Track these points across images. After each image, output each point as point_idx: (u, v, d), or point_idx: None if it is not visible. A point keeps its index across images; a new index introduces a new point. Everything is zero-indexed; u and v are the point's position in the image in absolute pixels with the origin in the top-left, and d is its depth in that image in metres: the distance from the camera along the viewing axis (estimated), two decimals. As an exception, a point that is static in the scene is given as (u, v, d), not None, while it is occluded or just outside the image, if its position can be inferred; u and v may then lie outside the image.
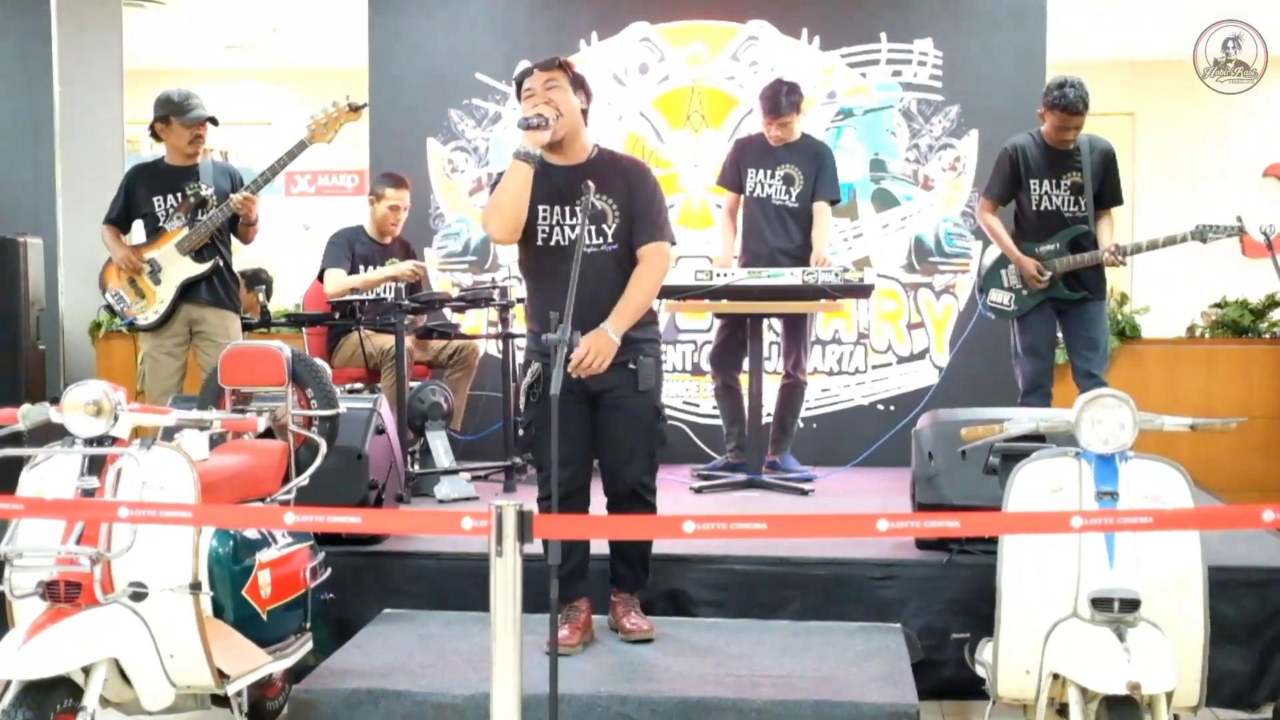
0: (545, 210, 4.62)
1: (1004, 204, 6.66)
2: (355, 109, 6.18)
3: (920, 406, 6.72)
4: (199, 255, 6.24)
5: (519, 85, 4.68)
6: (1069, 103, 6.28)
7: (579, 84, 4.68)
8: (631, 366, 4.62)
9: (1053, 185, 6.48)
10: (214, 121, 6.32)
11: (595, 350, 4.45)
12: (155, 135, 6.40)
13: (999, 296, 6.61)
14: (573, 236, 4.56)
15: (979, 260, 6.77)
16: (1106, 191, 6.52)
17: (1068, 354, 6.66)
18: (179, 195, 6.26)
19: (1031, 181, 6.50)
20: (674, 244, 4.77)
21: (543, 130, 4.48)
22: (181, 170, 6.34)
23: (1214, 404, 7.75)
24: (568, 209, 4.59)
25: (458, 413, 7.19)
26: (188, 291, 6.27)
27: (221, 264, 6.33)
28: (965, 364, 7.05)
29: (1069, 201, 6.46)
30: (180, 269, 6.23)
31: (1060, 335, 6.68)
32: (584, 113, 4.70)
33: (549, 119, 4.49)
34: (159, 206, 6.30)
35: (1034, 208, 6.51)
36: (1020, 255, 6.47)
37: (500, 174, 4.65)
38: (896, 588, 5.20)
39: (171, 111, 6.28)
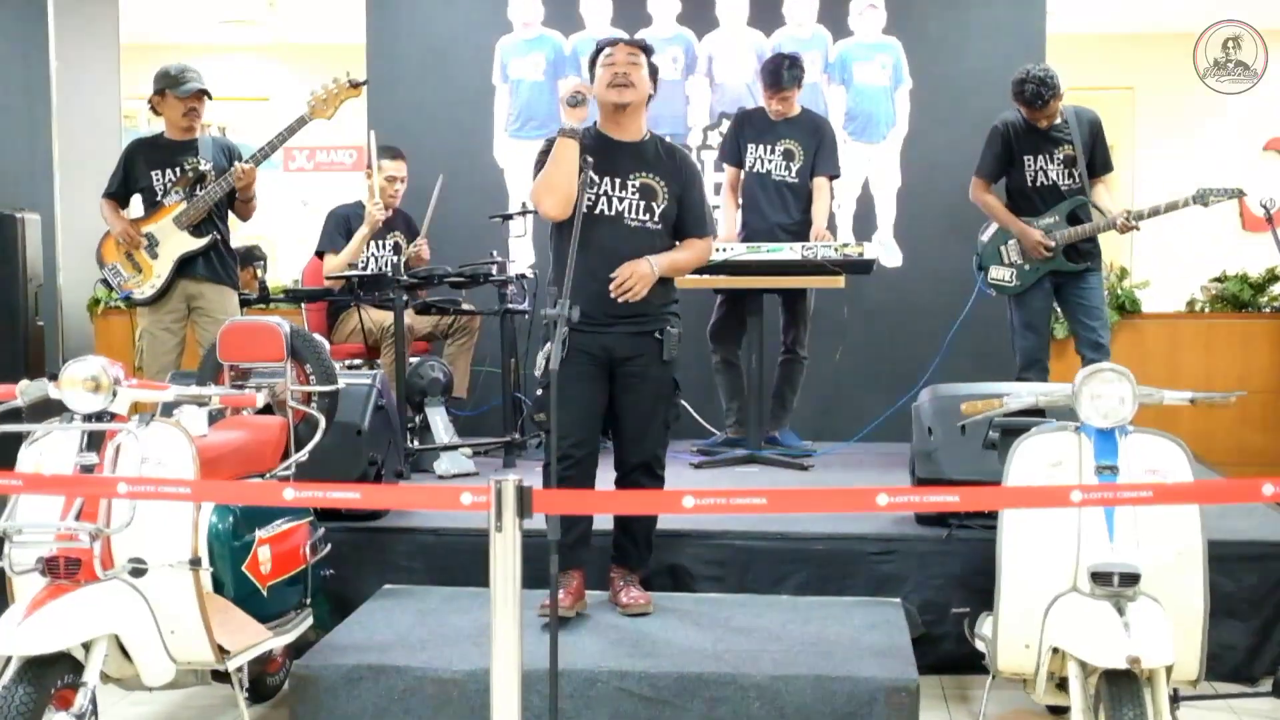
0: (595, 180, 4.68)
1: (995, 181, 6.66)
2: (356, 85, 6.17)
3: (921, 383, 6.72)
4: (197, 230, 6.23)
5: (598, 52, 4.82)
6: (1027, 100, 6.38)
7: (653, 72, 4.84)
8: (658, 336, 4.68)
9: (1047, 160, 6.49)
10: (207, 95, 6.31)
11: (636, 275, 4.59)
12: (154, 109, 6.40)
13: (999, 273, 6.61)
14: (620, 209, 4.67)
15: (976, 238, 6.74)
16: (1097, 160, 6.54)
17: (1070, 327, 6.66)
18: (177, 169, 6.26)
19: (1025, 158, 6.51)
20: (715, 237, 4.92)
21: (583, 107, 4.58)
22: (180, 145, 6.33)
23: (1214, 378, 7.75)
24: (619, 180, 4.69)
25: (459, 382, 7.18)
26: (185, 266, 6.26)
27: (219, 239, 6.32)
28: (965, 339, 7.04)
29: (1063, 175, 6.47)
30: (178, 243, 6.22)
31: (1059, 309, 6.68)
32: (649, 98, 4.83)
33: (586, 95, 4.60)
34: (157, 181, 6.29)
35: (1030, 184, 6.52)
36: (1025, 227, 6.47)
37: (543, 150, 4.73)
38: (896, 562, 5.20)
39: (167, 85, 6.28)
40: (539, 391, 4.72)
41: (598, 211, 4.67)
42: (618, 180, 4.69)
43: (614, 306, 4.58)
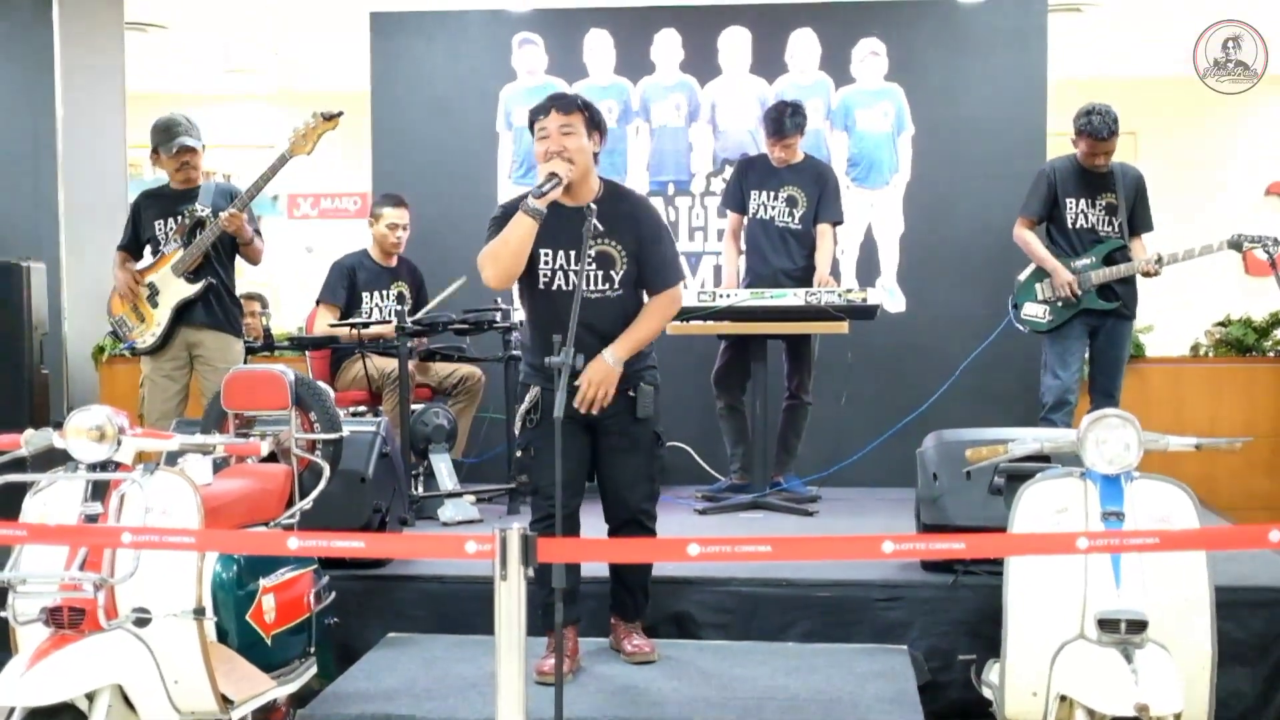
0: (548, 255, 4.59)
1: (1040, 222, 6.83)
2: (330, 118, 6.15)
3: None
4: (193, 276, 6.25)
5: (534, 119, 4.61)
6: (1094, 129, 6.52)
7: (595, 124, 4.62)
8: (631, 394, 4.63)
9: (1088, 204, 6.67)
10: (190, 150, 6.33)
11: (597, 381, 4.49)
12: (155, 163, 6.48)
13: (1034, 310, 6.72)
14: (577, 282, 4.46)
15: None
16: (1139, 216, 6.74)
17: (1090, 369, 6.77)
18: (178, 218, 6.29)
19: (1068, 200, 6.68)
20: (683, 279, 4.75)
21: (556, 190, 4.44)
22: (181, 194, 6.39)
23: (1219, 423, 7.74)
24: (573, 253, 4.54)
25: (460, 440, 7.19)
26: (184, 313, 6.28)
27: (219, 285, 6.32)
28: (971, 383, 7.04)
29: (1103, 220, 6.66)
30: (175, 291, 6.25)
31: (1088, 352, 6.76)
32: (595, 155, 4.64)
33: (562, 177, 4.45)
34: (160, 230, 6.35)
35: (1070, 225, 6.70)
36: (1057, 265, 6.63)
37: (497, 216, 4.62)
38: (902, 609, 5.19)
39: (157, 142, 6.38)
40: (518, 453, 4.70)
41: (555, 287, 4.59)
42: (572, 254, 4.54)
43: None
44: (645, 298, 4.74)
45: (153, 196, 6.52)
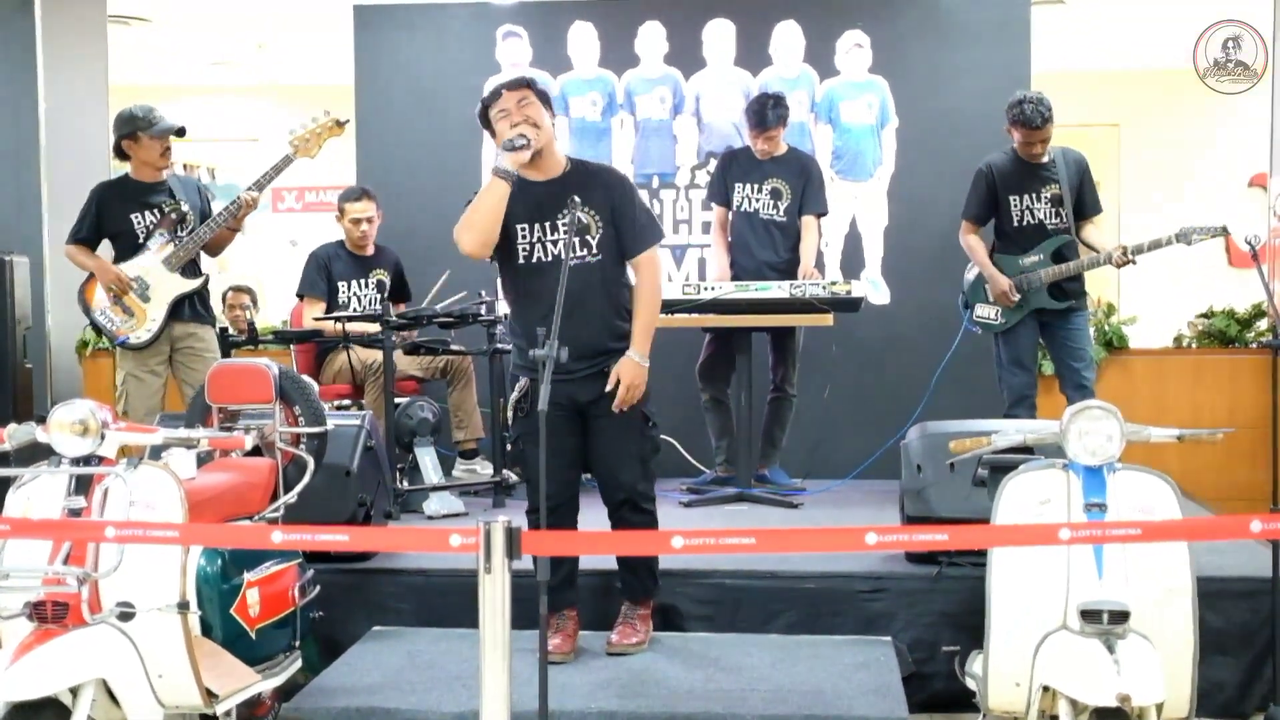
0: (524, 229, 4.65)
1: (983, 224, 6.72)
2: (340, 124, 6.15)
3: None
4: (187, 271, 6.23)
5: (485, 109, 4.71)
6: (1026, 118, 6.36)
7: (545, 100, 4.72)
8: (618, 375, 4.64)
9: (1033, 199, 6.54)
10: (181, 133, 6.29)
11: (628, 382, 4.59)
12: (121, 154, 6.36)
13: (984, 311, 6.64)
14: (555, 252, 4.59)
15: (963, 277, 6.78)
16: (1086, 201, 6.59)
17: (1055, 367, 6.69)
18: (157, 211, 6.23)
19: (1011, 197, 6.55)
20: (662, 238, 4.82)
21: (525, 150, 4.52)
22: (151, 186, 6.30)
23: (1201, 414, 7.76)
24: (548, 224, 4.62)
25: (472, 424, 7.21)
26: (175, 309, 6.25)
27: (207, 279, 6.32)
28: (953, 376, 7.05)
29: (1050, 214, 6.52)
30: (171, 286, 6.20)
31: (1045, 348, 6.71)
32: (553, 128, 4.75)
33: (530, 139, 4.53)
34: (137, 224, 6.25)
35: (1015, 223, 6.57)
36: (995, 273, 6.54)
37: (470, 199, 4.69)
38: (886, 601, 5.20)
39: (138, 127, 6.23)
40: (509, 447, 4.71)
41: (534, 260, 4.65)
42: (547, 224, 4.63)
43: (571, 349, 4.39)
44: (625, 265, 4.78)
45: (118, 189, 6.40)
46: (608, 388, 4.59)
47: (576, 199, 4.44)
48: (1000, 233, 6.67)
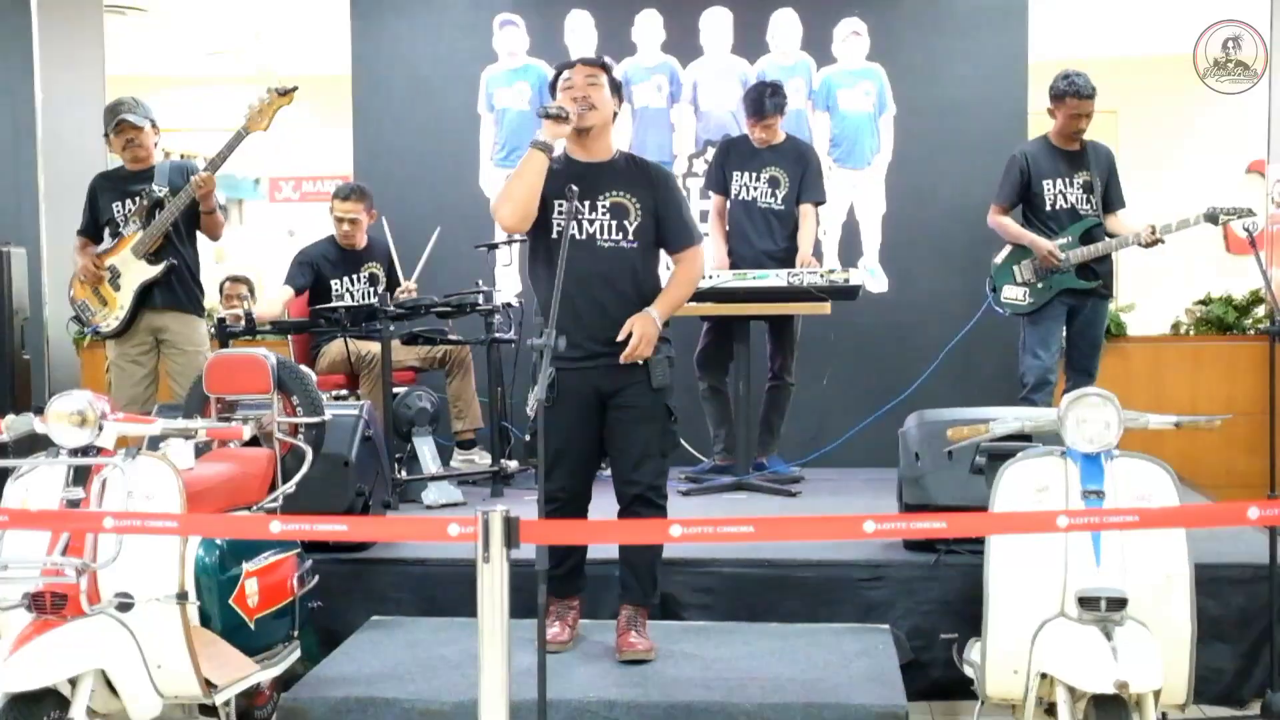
0: (562, 204, 4.57)
1: (1014, 208, 6.78)
2: (285, 93, 6.07)
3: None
4: (154, 257, 6.17)
5: (557, 75, 4.73)
6: (1078, 87, 6.50)
7: (616, 89, 4.73)
8: (643, 363, 4.58)
9: (1066, 184, 6.64)
10: (133, 127, 6.23)
11: (640, 332, 4.49)
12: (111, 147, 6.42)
13: (1012, 293, 6.69)
14: (590, 230, 4.57)
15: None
16: (1112, 194, 6.73)
17: (1068, 349, 6.76)
18: (134, 199, 6.22)
19: (1045, 182, 6.64)
20: (701, 241, 4.84)
21: (564, 123, 4.51)
22: (136, 174, 6.30)
23: (1199, 401, 7.76)
24: (586, 204, 4.58)
25: (471, 414, 7.21)
26: (146, 296, 6.18)
27: (181, 266, 6.23)
28: (953, 364, 7.06)
29: (1082, 199, 6.64)
30: (137, 273, 6.16)
31: (1065, 330, 6.76)
32: (614, 115, 4.74)
33: (570, 113, 4.51)
34: (118, 212, 6.26)
35: (1048, 207, 6.65)
36: (1035, 237, 6.60)
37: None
38: (884, 589, 5.21)
39: (106, 126, 6.32)
40: (527, 437, 4.65)
41: (568, 235, 4.62)
42: (587, 202, 4.58)
43: (596, 333, 4.49)
44: (658, 259, 4.78)
45: (108, 179, 6.43)
46: (619, 337, 4.49)
47: (574, 187, 4.42)
48: (1029, 219, 6.74)
